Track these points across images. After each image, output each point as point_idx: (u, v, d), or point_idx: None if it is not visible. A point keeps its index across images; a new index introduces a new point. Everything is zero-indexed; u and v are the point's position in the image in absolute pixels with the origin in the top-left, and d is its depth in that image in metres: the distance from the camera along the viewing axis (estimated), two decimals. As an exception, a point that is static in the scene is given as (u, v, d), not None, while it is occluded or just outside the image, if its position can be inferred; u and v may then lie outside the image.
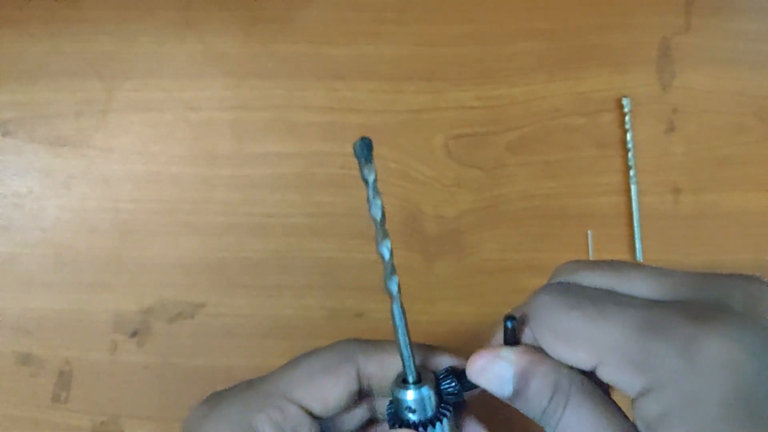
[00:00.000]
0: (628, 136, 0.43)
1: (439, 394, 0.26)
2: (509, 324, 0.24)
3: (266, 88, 0.44)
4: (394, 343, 0.26)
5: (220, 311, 0.42)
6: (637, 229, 0.43)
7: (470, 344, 0.30)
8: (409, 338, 0.25)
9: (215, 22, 0.44)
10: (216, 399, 0.27)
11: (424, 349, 0.28)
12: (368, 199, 0.24)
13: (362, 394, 0.28)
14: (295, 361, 0.27)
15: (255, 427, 0.25)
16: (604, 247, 0.43)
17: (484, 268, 0.43)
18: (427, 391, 0.25)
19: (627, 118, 0.43)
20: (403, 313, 0.25)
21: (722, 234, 0.43)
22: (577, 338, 0.22)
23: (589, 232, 0.43)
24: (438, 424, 0.25)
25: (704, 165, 0.44)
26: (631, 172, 0.43)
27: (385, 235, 0.24)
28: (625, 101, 0.43)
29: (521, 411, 0.24)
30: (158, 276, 0.42)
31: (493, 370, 0.24)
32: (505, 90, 0.44)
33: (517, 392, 0.23)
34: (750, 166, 0.44)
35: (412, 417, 0.25)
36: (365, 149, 0.23)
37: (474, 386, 0.25)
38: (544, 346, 0.23)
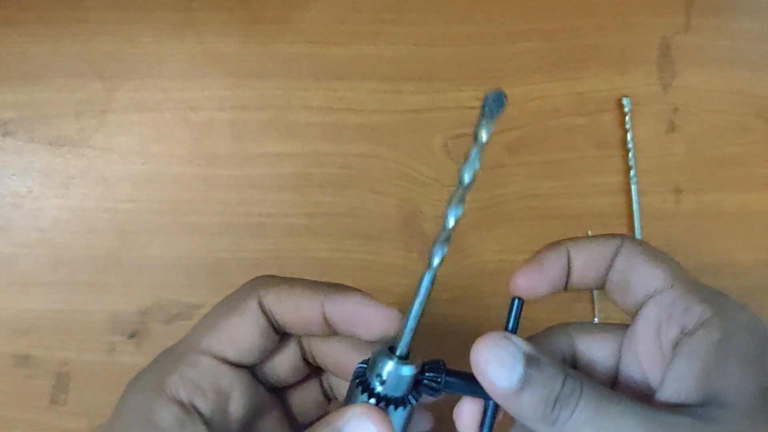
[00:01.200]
0: (629, 136, 0.43)
1: (418, 381, 0.24)
2: (516, 302, 0.24)
3: (265, 88, 0.44)
4: (305, 282, 0.25)
5: (219, 312, 0.42)
6: (637, 230, 0.42)
7: (469, 345, 0.30)
8: (421, 313, 0.23)
9: (215, 23, 0.44)
10: (139, 374, 0.25)
11: None
12: (469, 157, 0.22)
13: (281, 335, 0.26)
14: (207, 313, 0.26)
15: (167, 390, 0.23)
16: (604, 247, 0.43)
17: (484, 269, 0.43)
18: (408, 371, 0.23)
19: (627, 117, 0.43)
20: (431, 285, 0.23)
21: (723, 234, 0.43)
22: (662, 259, 0.25)
23: (589, 232, 0.43)
24: (400, 408, 0.23)
25: (705, 165, 0.44)
26: (632, 172, 0.43)
27: (461, 202, 0.23)
28: (625, 101, 0.43)
29: (519, 413, 0.22)
30: (156, 276, 0.42)
31: (502, 351, 0.22)
32: (505, 90, 0.44)
33: (525, 379, 0.21)
34: (751, 166, 0.44)
35: (378, 387, 0.23)
36: (498, 103, 0.21)
37: (453, 391, 0.24)
38: (621, 261, 0.25)
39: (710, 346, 0.22)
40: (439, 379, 0.24)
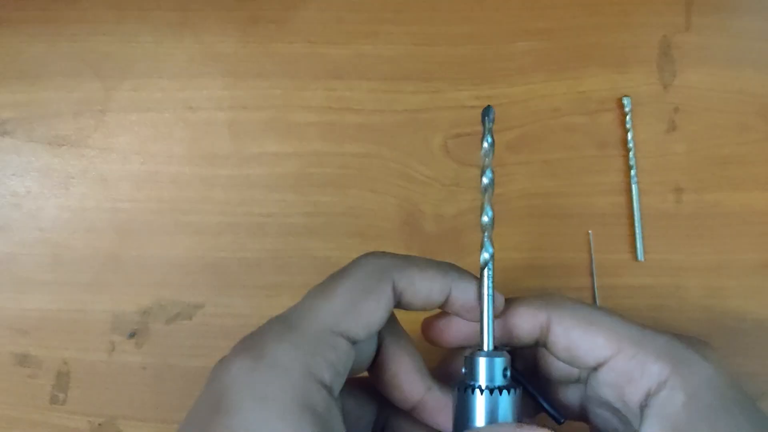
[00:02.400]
0: (629, 136, 0.43)
1: (514, 368, 0.27)
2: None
3: (264, 88, 0.43)
4: (425, 261, 0.27)
5: (219, 312, 0.42)
6: (638, 229, 0.42)
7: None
8: (493, 308, 0.26)
9: (213, 22, 0.44)
10: (257, 346, 0.22)
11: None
12: (483, 168, 0.28)
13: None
14: (329, 288, 0.25)
15: (317, 376, 0.21)
16: (604, 247, 0.43)
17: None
18: (501, 362, 0.26)
19: (628, 117, 0.43)
20: (491, 280, 0.26)
21: (725, 234, 0.43)
22: (599, 325, 0.25)
23: (589, 231, 0.43)
24: (507, 392, 0.25)
25: (706, 164, 0.43)
26: (632, 172, 0.43)
27: (488, 203, 0.28)
28: (625, 100, 0.43)
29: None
30: (156, 276, 0.42)
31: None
32: (504, 89, 0.44)
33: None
34: (752, 166, 0.43)
35: (482, 383, 0.26)
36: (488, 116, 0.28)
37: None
38: (559, 332, 0.25)
39: (678, 407, 0.22)
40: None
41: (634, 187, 0.43)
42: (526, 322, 0.27)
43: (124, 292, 0.42)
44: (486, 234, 0.27)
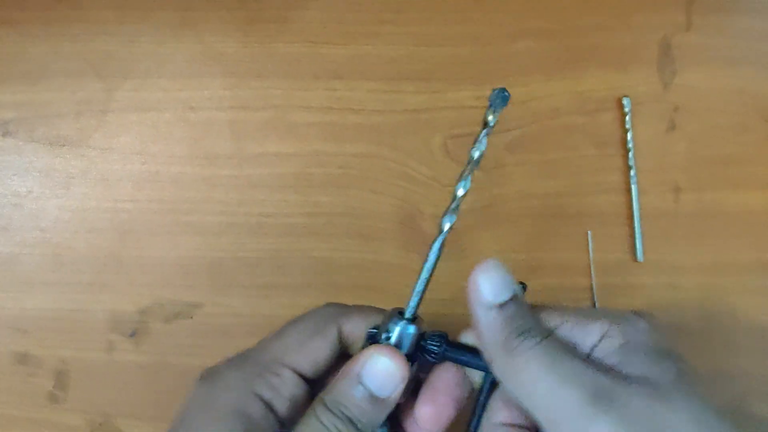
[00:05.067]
0: (629, 136, 0.43)
1: (422, 346, 0.27)
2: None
3: (265, 88, 0.44)
4: (371, 309, 0.29)
5: (218, 311, 0.42)
6: (637, 229, 0.42)
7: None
8: (429, 278, 0.27)
9: (214, 23, 0.44)
10: (213, 374, 0.28)
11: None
12: (478, 137, 0.26)
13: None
14: (282, 330, 0.29)
15: (256, 392, 0.26)
16: (603, 247, 0.43)
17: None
18: (413, 330, 0.26)
19: (627, 117, 0.43)
20: (440, 251, 0.27)
21: (724, 233, 0.43)
22: (545, 307, 0.27)
23: (589, 231, 0.43)
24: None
25: (705, 164, 0.43)
26: (632, 172, 0.43)
27: (470, 175, 0.26)
28: (625, 100, 0.43)
29: (487, 329, 0.25)
30: (156, 276, 0.42)
31: (499, 277, 0.26)
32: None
33: (508, 303, 0.26)
34: (751, 165, 0.43)
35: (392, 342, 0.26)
36: (501, 100, 0.26)
37: (452, 359, 0.27)
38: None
39: (615, 348, 0.25)
40: (440, 344, 0.27)
41: (633, 187, 0.43)
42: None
43: (123, 292, 0.42)
44: (454, 204, 0.27)
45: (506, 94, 0.26)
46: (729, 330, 0.42)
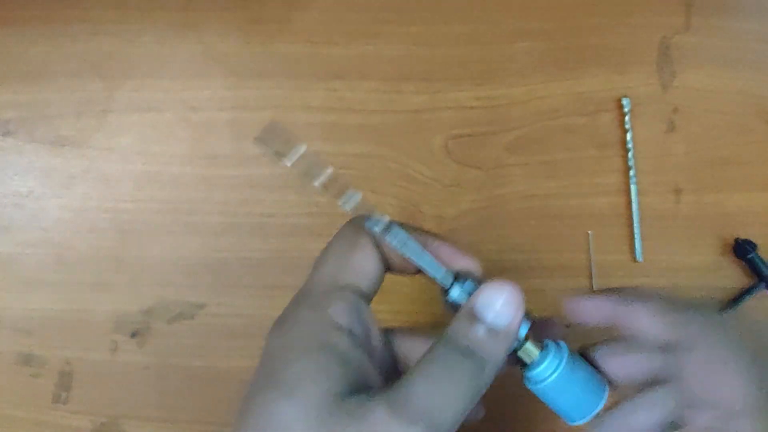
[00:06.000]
0: (628, 136, 0.43)
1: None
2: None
3: (266, 88, 0.44)
4: (408, 225, 0.27)
5: (220, 311, 0.42)
6: (637, 230, 0.43)
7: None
8: (421, 249, 0.26)
9: (215, 23, 0.44)
10: (282, 321, 0.26)
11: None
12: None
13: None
14: (320, 259, 0.27)
15: (333, 321, 0.24)
16: (604, 247, 0.43)
17: (484, 269, 0.43)
18: (471, 286, 0.26)
19: (627, 118, 0.43)
20: (403, 229, 0.26)
21: (724, 234, 0.43)
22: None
23: (589, 232, 0.43)
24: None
25: (705, 165, 0.44)
26: (631, 173, 0.43)
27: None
28: (624, 101, 0.43)
29: None
30: (158, 276, 0.42)
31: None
32: (505, 90, 0.44)
33: None
34: (751, 166, 0.44)
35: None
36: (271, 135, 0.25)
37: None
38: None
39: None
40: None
41: (633, 187, 0.43)
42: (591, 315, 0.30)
43: (126, 292, 0.42)
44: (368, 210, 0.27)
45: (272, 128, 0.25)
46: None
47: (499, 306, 0.24)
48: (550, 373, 0.26)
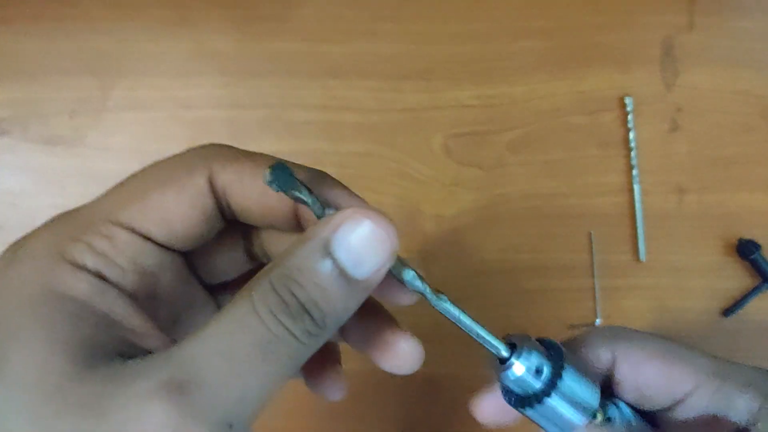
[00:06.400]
0: (631, 136, 0.43)
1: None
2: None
3: (261, 86, 0.43)
4: (265, 157, 0.21)
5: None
6: (640, 230, 0.42)
7: (470, 345, 0.29)
8: (472, 319, 0.22)
9: (210, 21, 0.44)
10: (16, 246, 0.20)
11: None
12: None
13: (231, 223, 0.21)
14: (128, 179, 0.20)
15: (68, 257, 0.18)
16: (606, 247, 0.42)
17: (484, 269, 0.42)
18: (537, 358, 0.21)
19: (630, 117, 0.43)
20: (448, 301, 0.21)
21: (727, 234, 0.42)
22: (673, 357, 0.22)
23: (591, 232, 0.42)
24: (559, 380, 0.21)
25: (708, 165, 0.43)
26: (634, 172, 0.42)
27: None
28: (627, 100, 0.43)
29: None
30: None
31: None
32: (505, 89, 0.43)
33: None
34: (755, 166, 0.43)
35: (537, 385, 0.21)
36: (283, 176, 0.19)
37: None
38: (625, 369, 0.23)
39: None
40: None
41: (636, 187, 0.42)
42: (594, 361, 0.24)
43: (120, 293, 0.41)
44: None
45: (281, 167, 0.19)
46: (733, 332, 0.41)
47: (364, 246, 0.18)
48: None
